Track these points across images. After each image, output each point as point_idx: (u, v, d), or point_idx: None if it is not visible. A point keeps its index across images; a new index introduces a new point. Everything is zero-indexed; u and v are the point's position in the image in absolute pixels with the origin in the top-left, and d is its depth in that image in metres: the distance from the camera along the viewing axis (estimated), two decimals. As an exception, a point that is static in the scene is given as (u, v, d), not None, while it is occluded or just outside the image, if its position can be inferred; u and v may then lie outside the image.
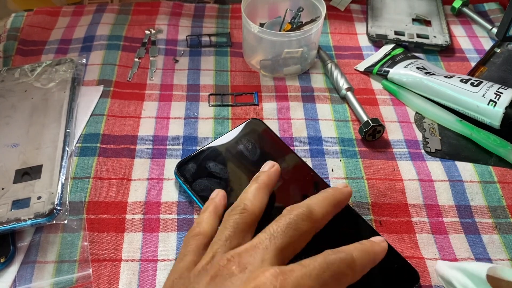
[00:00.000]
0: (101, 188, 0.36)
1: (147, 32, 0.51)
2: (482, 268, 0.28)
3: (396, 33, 0.52)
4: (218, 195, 0.33)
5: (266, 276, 0.22)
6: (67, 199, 0.35)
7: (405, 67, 0.46)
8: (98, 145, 0.39)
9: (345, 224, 0.33)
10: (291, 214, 0.27)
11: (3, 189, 0.35)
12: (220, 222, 0.29)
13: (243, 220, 0.28)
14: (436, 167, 0.39)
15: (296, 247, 0.26)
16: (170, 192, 0.37)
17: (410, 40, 0.51)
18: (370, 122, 0.40)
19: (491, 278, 0.28)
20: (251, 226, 0.28)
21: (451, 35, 0.53)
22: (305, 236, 0.27)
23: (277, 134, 0.41)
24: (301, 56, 0.46)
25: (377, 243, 0.28)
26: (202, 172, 0.36)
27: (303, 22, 0.48)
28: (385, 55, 0.49)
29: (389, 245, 0.30)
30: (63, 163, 0.37)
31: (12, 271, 0.31)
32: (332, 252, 0.25)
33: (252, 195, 0.30)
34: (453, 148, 0.41)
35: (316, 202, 0.28)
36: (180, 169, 0.37)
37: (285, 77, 0.47)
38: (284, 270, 0.23)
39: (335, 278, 0.24)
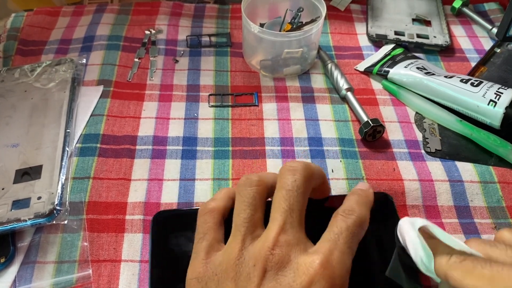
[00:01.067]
0: (101, 188, 0.36)
1: (147, 32, 0.51)
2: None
3: (396, 33, 0.52)
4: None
5: (315, 268, 0.24)
6: (67, 199, 0.35)
7: (405, 67, 0.46)
8: (98, 145, 0.39)
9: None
10: (295, 176, 0.27)
11: (3, 189, 0.35)
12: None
13: (259, 194, 0.28)
14: (436, 167, 0.39)
15: (305, 206, 0.27)
16: (170, 193, 0.37)
17: (410, 40, 0.51)
18: (370, 123, 0.40)
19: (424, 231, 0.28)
20: (266, 198, 0.28)
21: (451, 35, 0.53)
22: (307, 195, 0.28)
23: (278, 134, 0.41)
24: (301, 56, 0.46)
25: (368, 191, 0.30)
26: None
27: (303, 22, 0.48)
28: (385, 55, 0.49)
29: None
30: (63, 163, 0.37)
31: (12, 271, 0.31)
32: (345, 216, 0.27)
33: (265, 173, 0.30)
34: (453, 148, 0.41)
35: (307, 164, 0.29)
36: None
37: (285, 78, 0.47)
38: (326, 255, 0.24)
39: (356, 241, 0.26)
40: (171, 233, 0.32)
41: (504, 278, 0.23)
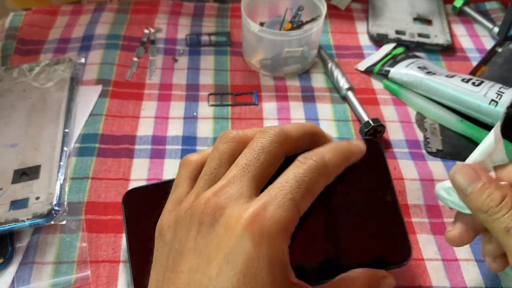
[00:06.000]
0: (99, 188, 0.36)
1: (146, 31, 0.51)
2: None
3: (397, 32, 0.52)
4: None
5: (242, 223, 0.21)
6: (66, 199, 0.35)
7: (406, 66, 0.45)
8: (97, 145, 0.39)
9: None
10: (263, 138, 0.25)
11: (1, 189, 0.35)
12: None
13: (231, 151, 0.26)
14: (437, 167, 0.39)
15: (271, 170, 0.25)
16: (169, 193, 0.36)
17: (411, 39, 0.51)
18: (371, 122, 0.39)
19: None
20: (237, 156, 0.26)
21: (452, 35, 0.52)
22: (279, 159, 0.25)
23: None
24: (301, 56, 0.45)
25: (355, 144, 0.26)
26: None
27: (304, 21, 0.47)
28: (386, 55, 0.49)
29: (398, 210, 0.28)
30: (62, 163, 0.37)
31: (10, 272, 0.31)
32: (302, 162, 0.24)
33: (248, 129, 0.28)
34: (454, 148, 0.40)
35: (291, 125, 0.27)
36: None
37: (285, 77, 0.47)
38: (257, 208, 0.22)
39: (305, 192, 0.23)
40: (146, 210, 0.30)
41: None
